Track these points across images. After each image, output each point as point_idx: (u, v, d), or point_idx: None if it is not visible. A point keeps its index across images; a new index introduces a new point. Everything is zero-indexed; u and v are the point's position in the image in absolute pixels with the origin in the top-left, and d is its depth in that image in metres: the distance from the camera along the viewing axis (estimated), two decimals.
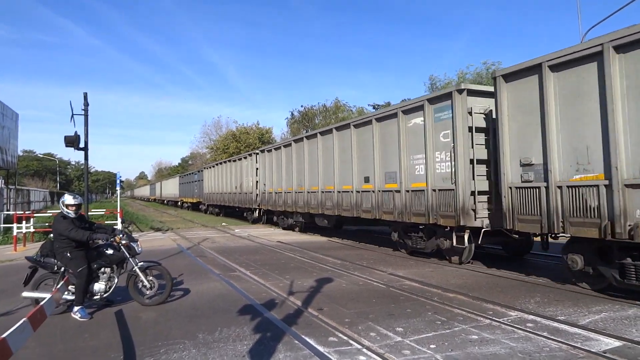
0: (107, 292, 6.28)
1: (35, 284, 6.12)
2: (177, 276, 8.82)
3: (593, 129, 6.71)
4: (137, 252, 6.51)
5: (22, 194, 32.20)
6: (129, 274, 6.49)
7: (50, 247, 6.16)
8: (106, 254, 6.34)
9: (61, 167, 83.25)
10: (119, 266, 6.44)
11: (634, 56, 6.26)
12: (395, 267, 9.46)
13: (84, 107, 11.81)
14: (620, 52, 6.39)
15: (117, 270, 6.43)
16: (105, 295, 6.29)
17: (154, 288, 6.54)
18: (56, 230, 6.02)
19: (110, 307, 6.46)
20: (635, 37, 6.11)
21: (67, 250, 5.97)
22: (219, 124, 59.83)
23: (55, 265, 6.11)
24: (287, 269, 9.43)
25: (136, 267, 6.43)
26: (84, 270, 5.94)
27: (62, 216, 6.09)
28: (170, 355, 4.52)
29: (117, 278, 6.43)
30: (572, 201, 6.96)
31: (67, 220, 6.04)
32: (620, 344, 4.66)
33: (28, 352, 4.63)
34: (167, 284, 6.57)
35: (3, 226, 17.72)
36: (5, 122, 26.10)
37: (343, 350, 4.58)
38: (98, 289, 6.21)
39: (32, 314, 3.01)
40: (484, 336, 4.96)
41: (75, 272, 5.93)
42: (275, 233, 17.98)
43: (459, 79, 33.84)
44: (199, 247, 13.74)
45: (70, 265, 5.98)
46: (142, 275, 6.45)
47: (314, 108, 48.81)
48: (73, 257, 5.97)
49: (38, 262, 6.14)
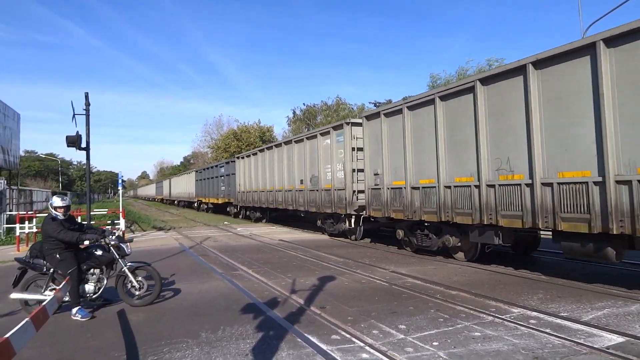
0: (96, 293, 6.27)
1: (25, 285, 6.10)
2: (179, 275, 8.83)
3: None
4: (126, 253, 6.50)
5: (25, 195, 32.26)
6: (118, 274, 6.48)
7: (40, 248, 6.15)
8: (95, 255, 6.32)
9: (63, 167, 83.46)
10: (108, 267, 6.43)
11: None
12: (397, 265, 9.46)
13: (85, 107, 11.82)
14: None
15: (106, 271, 6.42)
16: (95, 296, 6.27)
17: (143, 289, 6.51)
18: (45, 232, 6.02)
19: (111, 306, 6.47)
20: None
21: (57, 251, 5.96)
22: (220, 123, 59.96)
23: (45, 267, 6.10)
24: (290, 268, 9.43)
25: (125, 267, 6.42)
26: (73, 272, 5.93)
27: (52, 218, 6.08)
28: (173, 354, 4.53)
29: (107, 279, 6.43)
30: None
31: (56, 222, 6.03)
32: (623, 339, 4.65)
33: (31, 352, 4.64)
34: (156, 284, 6.55)
35: (6, 227, 17.77)
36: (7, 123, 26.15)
37: (346, 348, 4.58)
38: (87, 290, 6.19)
39: (35, 314, 3.01)
40: (487, 333, 4.95)
41: (65, 274, 5.92)
42: (277, 231, 18.00)
43: (459, 76, 33.73)
44: (201, 246, 13.75)
45: (59, 266, 5.98)
46: (131, 276, 6.43)
47: (316, 106, 48.87)
48: (62, 259, 5.96)
49: (27, 263, 6.14)
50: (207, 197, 33.08)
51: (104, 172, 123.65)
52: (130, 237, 16.75)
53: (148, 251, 12.68)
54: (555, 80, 7.25)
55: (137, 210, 43.12)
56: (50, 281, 6.13)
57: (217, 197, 30.36)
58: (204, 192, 34.24)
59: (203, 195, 34.60)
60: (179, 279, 8.48)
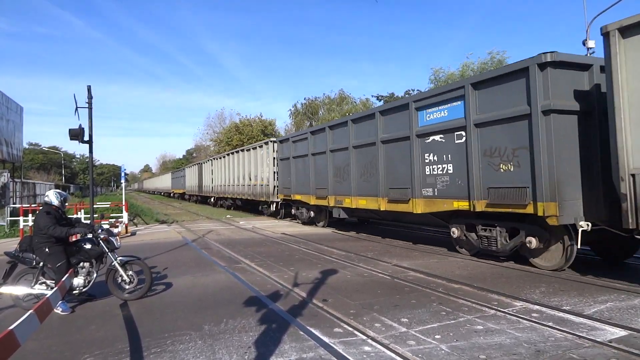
0: (86, 286, 6.27)
1: (15, 279, 6.11)
2: (182, 268, 8.87)
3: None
4: (116, 246, 6.49)
5: (28, 187, 32.38)
6: (108, 268, 6.46)
7: (29, 242, 6.15)
8: (85, 249, 6.33)
9: (66, 160, 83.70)
10: (98, 261, 6.44)
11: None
12: (400, 258, 9.47)
13: (87, 100, 11.78)
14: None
15: (96, 265, 6.43)
16: (85, 290, 6.28)
17: (134, 283, 6.49)
18: (37, 225, 6.02)
19: (100, 300, 6.49)
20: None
21: (46, 245, 5.96)
22: (222, 116, 59.72)
23: (34, 260, 6.11)
24: (292, 261, 9.45)
25: (115, 261, 6.40)
26: (62, 266, 5.93)
27: (46, 212, 6.08)
28: (176, 346, 4.56)
29: (96, 273, 6.43)
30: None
31: (50, 216, 6.02)
32: (626, 333, 4.65)
33: (34, 344, 4.68)
34: (147, 278, 6.54)
35: (9, 219, 17.86)
36: (10, 116, 26.18)
37: (348, 341, 4.59)
38: (77, 284, 6.18)
39: (39, 307, 3.02)
40: (489, 326, 4.96)
41: (54, 267, 5.93)
42: (279, 225, 18.03)
43: (462, 71, 33.48)
44: (204, 239, 13.79)
45: (48, 260, 5.98)
46: (122, 270, 6.41)
47: (318, 100, 48.45)
48: (52, 253, 5.96)
49: (17, 257, 6.14)
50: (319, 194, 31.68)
51: (107, 165, 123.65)
52: (133, 230, 16.84)
53: (151, 244, 12.73)
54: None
55: (140, 203, 43.26)
56: (39, 275, 6.13)
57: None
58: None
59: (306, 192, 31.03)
60: (181, 272, 8.51)
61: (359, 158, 12.66)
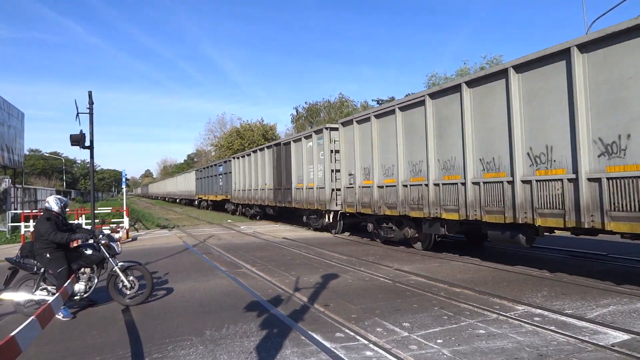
0: (87, 292, 6.27)
1: (16, 285, 6.10)
2: (184, 273, 8.85)
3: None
4: (116, 252, 6.50)
5: (29, 193, 32.39)
6: (109, 274, 6.47)
7: (30, 248, 6.15)
8: (86, 255, 6.33)
9: (67, 165, 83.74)
10: (99, 266, 6.44)
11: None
12: (401, 263, 9.45)
13: (88, 106, 11.82)
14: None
15: (97, 271, 6.43)
16: (85, 295, 6.27)
17: (135, 288, 6.49)
18: (38, 231, 6.02)
19: (103, 305, 6.49)
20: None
21: (47, 251, 5.96)
22: (223, 121, 59.91)
23: (35, 266, 6.10)
24: (293, 266, 9.44)
25: (116, 267, 6.41)
26: (63, 271, 5.93)
27: (47, 218, 6.08)
28: (177, 352, 4.55)
29: (97, 278, 6.43)
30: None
31: (50, 221, 6.02)
32: (628, 337, 4.63)
33: (36, 350, 4.67)
34: (148, 283, 6.54)
35: (11, 225, 17.86)
36: (11, 122, 26.25)
37: (350, 346, 4.58)
38: (78, 290, 6.18)
39: (40, 312, 3.02)
40: (491, 331, 4.94)
41: (55, 273, 5.93)
42: (280, 229, 18.02)
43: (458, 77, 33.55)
44: (205, 244, 13.78)
45: (49, 266, 5.98)
46: (123, 275, 6.42)
47: (318, 104, 48.60)
48: (53, 258, 5.96)
49: (18, 263, 6.14)
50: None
51: (108, 171, 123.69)
52: (134, 235, 16.83)
53: (152, 249, 12.72)
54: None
55: (141, 208, 43.26)
56: (40, 281, 6.12)
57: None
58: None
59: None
60: (183, 277, 8.50)
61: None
